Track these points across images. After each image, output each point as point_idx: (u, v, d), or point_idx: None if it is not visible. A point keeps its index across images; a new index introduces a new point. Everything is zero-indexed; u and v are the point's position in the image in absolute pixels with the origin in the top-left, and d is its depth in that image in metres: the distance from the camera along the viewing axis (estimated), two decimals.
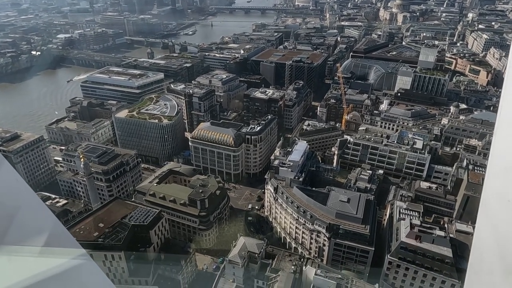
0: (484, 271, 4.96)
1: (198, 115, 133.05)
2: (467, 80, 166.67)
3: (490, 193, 4.74)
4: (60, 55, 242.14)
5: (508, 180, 4.38)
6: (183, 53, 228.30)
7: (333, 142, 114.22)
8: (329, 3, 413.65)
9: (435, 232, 64.12)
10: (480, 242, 5.07)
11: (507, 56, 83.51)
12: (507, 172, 4.41)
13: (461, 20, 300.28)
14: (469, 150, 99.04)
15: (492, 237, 4.73)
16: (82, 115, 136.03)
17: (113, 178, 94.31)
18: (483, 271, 4.97)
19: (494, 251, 4.69)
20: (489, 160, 4.70)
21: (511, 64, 4.32)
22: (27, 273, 4.20)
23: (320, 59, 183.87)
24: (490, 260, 4.77)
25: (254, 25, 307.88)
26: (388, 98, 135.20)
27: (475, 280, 5.19)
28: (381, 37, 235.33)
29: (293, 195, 79.98)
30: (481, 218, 4.93)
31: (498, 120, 4.57)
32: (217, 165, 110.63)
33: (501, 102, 4.51)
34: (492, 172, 4.72)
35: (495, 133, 4.59)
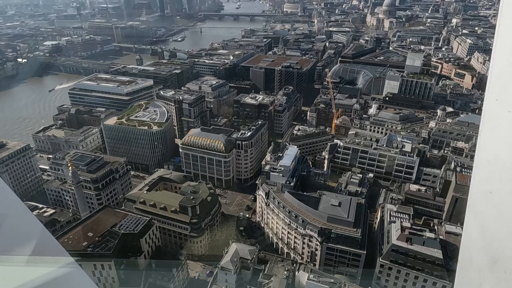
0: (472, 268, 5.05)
1: (188, 121, 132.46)
2: (452, 84, 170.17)
3: (476, 189, 4.87)
4: (47, 62, 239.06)
5: (492, 175, 4.52)
6: (173, 60, 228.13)
7: (323, 146, 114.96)
8: (317, 9, 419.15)
9: (425, 234, 64.82)
10: (468, 239, 5.17)
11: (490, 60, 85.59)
12: (491, 167, 4.55)
13: (445, 25, 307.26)
14: (457, 153, 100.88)
15: (479, 233, 4.85)
16: (70, 123, 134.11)
17: (102, 186, 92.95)
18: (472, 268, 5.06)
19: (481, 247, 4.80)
20: (475, 158, 4.84)
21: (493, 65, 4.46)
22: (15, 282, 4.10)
23: (309, 64, 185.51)
24: (478, 256, 4.88)
25: (243, 31, 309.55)
26: (377, 102, 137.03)
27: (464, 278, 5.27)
28: (368, 42, 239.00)
29: (284, 200, 79.97)
30: (468, 215, 5.04)
31: (483, 120, 4.71)
32: (208, 171, 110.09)
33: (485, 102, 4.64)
34: (478, 169, 4.85)
35: (480, 132, 4.73)
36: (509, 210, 4.45)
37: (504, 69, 4.27)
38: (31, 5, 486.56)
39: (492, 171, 4.53)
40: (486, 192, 4.67)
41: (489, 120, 4.59)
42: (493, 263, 4.62)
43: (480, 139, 4.70)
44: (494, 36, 4.42)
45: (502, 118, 4.33)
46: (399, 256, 63.10)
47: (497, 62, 4.36)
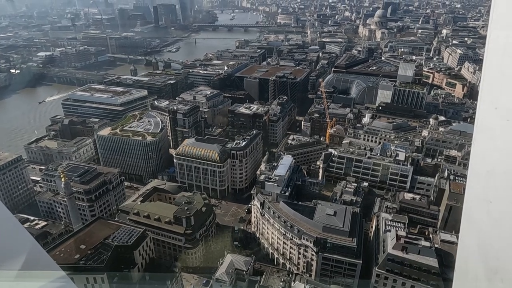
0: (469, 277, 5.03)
1: (182, 132, 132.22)
2: (444, 93, 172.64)
3: (471, 198, 4.89)
4: (40, 73, 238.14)
5: (487, 184, 4.55)
6: (167, 70, 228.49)
7: (318, 155, 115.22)
8: (310, 20, 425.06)
9: (421, 242, 64.79)
10: (464, 248, 5.17)
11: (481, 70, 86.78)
12: (486, 176, 4.58)
13: (436, 36, 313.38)
14: (450, 161, 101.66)
15: (475, 242, 4.84)
16: (63, 134, 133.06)
17: (95, 197, 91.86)
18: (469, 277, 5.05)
19: (477, 256, 4.80)
20: (469, 166, 4.87)
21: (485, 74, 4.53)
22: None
23: (303, 74, 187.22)
24: (474, 266, 4.87)
25: (238, 41, 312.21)
26: (370, 112, 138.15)
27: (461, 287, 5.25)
28: (361, 52, 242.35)
29: (279, 210, 79.64)
30: (464, 224, 5.04)
31: (476, 129, 4.76)
32: (202, 182, 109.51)
33: (477, 111, 4.70)
34: (473, 178, 4.87)
35: (474, 140, 4.77)
36: (505, 219, 4.46)
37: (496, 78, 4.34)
38: (25, 16, 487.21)
39: (487, 180, 4.56)
40: (481, 201, 4.69)
41: (482, 129, 4.64)
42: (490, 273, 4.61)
43: (474, 149, 4.74)
44: (485, 46, 4.50)
45: (496, 127, 4.38)
46: (395, 265, 62.90)
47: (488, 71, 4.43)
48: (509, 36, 4.12)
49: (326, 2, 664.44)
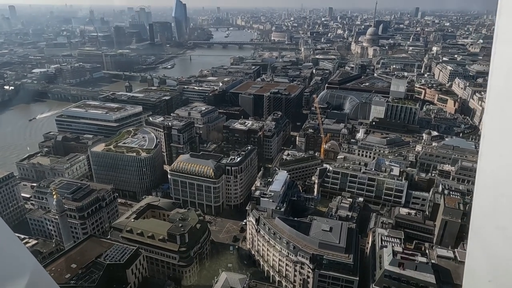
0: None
1: (177, 147, 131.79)
2: (436, 108, 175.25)
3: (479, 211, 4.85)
4: (35, 89, 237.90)
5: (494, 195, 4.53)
6: (162, 86, 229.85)
7: (313, 171, 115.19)
8: (303, 38, 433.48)
9: (417, 258, 64.25)
10: (472, 265, 5.10)
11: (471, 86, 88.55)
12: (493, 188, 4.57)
13: (426, 53, 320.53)
14: (444, 175, 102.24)
15: (483, 256, 4.77)
16: (56, 150, 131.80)
17: (88, 214, 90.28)
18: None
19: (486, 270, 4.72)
20: (476, 180, 4.86)
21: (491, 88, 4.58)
22: None
23: (297, 90, 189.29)
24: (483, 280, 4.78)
25: (232, 58, 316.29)
26: (364, 127, 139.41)
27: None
28: (354, 69, 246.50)
29: (275, 226, 78.85)
30: (471, 237, 4.99)
31: (482, 144, 4.78)
32: (197, 198, 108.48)
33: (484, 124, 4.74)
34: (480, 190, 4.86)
35: (480, 154, 4.79)
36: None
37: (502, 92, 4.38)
38: (20, 33, 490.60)
39: (495, 192, 4.55)
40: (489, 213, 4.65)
41: (489, 142, 4.65)
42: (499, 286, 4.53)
43: (481, 162, 4.74)
44: (491, 58, 4.56)
45: (502, 140, 4.39)
46: (392, 281, 62.10)
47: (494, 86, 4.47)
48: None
49: (319, 20, 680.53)
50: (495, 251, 4.63)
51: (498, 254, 4.61)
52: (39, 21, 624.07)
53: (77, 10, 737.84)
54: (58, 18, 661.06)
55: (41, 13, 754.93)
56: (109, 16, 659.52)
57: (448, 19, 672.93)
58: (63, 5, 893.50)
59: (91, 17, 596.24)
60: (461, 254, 66.89)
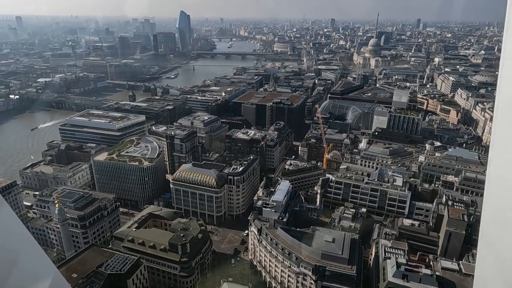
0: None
1: (179, 157, 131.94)
2: (439, 119, 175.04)
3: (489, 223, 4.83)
4: (40, 98, 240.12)
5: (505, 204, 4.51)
6: (165, 96, 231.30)
7: (315, 181, 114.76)
8: (305, 48, 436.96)
9: (422, 270, 63.41)
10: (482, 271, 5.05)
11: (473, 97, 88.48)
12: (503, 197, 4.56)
13: (428, 64, 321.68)
14: (447, 186, 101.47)
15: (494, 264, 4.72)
16: (59, 159, 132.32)
17: (90, 224, 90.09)
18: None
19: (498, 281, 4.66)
20: (485, 187, 4.85)
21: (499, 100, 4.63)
22: None
23: (299, 100, 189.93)
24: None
25: (235, 68, 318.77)
26: (366, 137, 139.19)
27: None
28: (356, 79, 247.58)
29: (277, 236, 78.27)
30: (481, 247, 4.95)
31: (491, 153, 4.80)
32: (199, 207, 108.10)
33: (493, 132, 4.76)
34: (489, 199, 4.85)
35: (490, 161, 4.79)
36: None
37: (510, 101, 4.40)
38: (26, 43, 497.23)
39: (505, 201, 4.54)
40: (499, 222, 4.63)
41: (498, 150, 4.66)
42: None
43: (490, 169, 4.75)
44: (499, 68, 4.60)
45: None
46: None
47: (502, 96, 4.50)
48: None
49: (321, 31, 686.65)
50: (506, 259, 4.58)
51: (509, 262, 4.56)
52: (45, 32, 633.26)
53: (83, 21, 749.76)
54: (63, 28, 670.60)
55: (47, 23, 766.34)
56: (114, 27, 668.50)
57: (449, 30, 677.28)
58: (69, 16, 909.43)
59: (96, 28, 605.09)
60: (466, 266, 65.95)
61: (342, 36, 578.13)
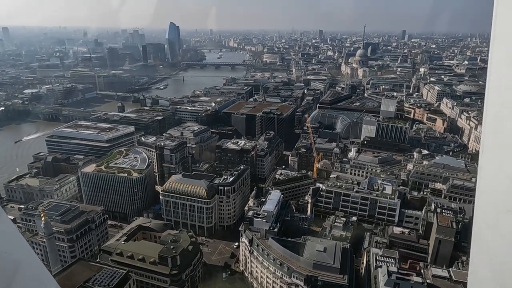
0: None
1: (169, 168, 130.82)
2: (426, 127, 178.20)
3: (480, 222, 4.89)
4: (26, 110, 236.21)
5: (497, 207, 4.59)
6: (155, 107, 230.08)
7: (306, 190, 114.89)
8: (294, 59, 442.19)
9: (413, 278, 63.65)
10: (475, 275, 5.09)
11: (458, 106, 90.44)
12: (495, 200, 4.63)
13: (414, 74, 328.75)
14: (435, 194, 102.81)
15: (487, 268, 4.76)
16: (45, 171, 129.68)
17: (77, 237, 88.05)
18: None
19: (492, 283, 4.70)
20: (477, 189, 4.94)
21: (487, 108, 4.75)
22: None
23: (289, 110, 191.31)
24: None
25: (225, 79, 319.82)
26: (356, 146, 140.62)
27: None
28: (344, 89, 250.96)
29: (268, 247, 77.75)
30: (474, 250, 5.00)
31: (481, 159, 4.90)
32: (189, 219, 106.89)
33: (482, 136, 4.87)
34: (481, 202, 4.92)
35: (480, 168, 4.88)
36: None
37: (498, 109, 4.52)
38: (13, 54, 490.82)
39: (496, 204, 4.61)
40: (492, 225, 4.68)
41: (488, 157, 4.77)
42: None
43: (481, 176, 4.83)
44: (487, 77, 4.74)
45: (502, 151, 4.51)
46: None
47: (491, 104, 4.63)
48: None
49: (310, 42, 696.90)
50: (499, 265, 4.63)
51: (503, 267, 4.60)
52: (33, 43, 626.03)
53: (71, 32, 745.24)
54: (51, 39, 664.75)
55: (34, 34, 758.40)
56: (103, 37, 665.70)
57: (434, 41, 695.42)
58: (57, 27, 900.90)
59: (84, 39, 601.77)
60: (456, 273, 66.48)
61: (330, 47, 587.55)
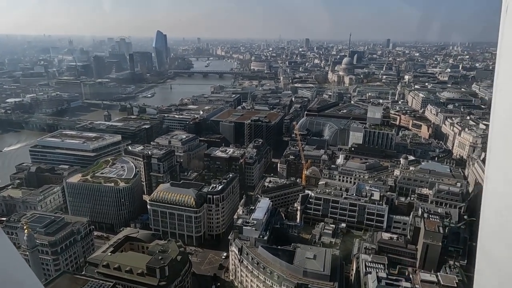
0: None
1: (157, 177, 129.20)
2: (411, 134, 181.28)
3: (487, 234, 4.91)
4: (9, 119, 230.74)
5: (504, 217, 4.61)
6: (142, 115, 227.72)
7: (295, 197, 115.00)
8: (282, 67, 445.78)
9: (402, 284, 64.07)
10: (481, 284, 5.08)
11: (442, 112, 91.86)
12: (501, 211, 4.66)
13: (399, 81, 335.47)
14: (422, 199, 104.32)
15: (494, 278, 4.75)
16: (29, 182, 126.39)
17: (61, 249, 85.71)
18: None
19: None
20: (482, 202, 4.95)
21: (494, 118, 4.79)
22: None
23: (277, 118, 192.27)
24: None
25: (213, 87, 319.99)
26: (343, 153, 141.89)
27: None
28: (331, 97, 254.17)
29: (258, 255, 77.18)
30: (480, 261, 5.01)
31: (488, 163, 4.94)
32: (177, 228, 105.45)
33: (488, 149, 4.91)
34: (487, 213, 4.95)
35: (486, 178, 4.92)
36: None
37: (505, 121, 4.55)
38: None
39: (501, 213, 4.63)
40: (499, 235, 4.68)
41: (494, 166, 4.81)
42: None
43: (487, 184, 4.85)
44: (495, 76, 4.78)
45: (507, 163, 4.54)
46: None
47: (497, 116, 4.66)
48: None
49: (297, 50, 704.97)
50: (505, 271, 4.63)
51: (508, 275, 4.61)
52: (16, 51, 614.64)
53: (56, 40, 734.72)
54: (36, 48, 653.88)
55: (18, 43, 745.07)
56: (89, 46, 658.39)
57: (417, 50, 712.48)
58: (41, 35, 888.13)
59: (70, 47, 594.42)
60: (444, 278, 67.20)
61: (317, 55, 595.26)
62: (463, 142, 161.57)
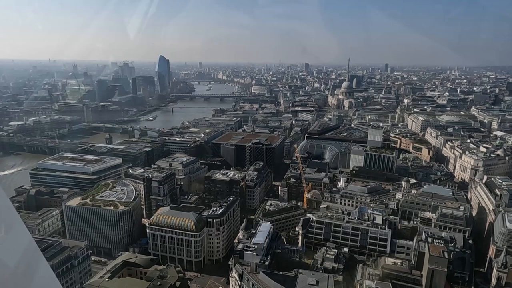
0: None
1: (157, 200, 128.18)
2: (412, 156, 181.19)
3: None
4: (11, 142, 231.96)
5: None
6: (143, 138, 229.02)
7: (296, 221, 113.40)
8: (282, 91, 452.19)
9: None
10: None
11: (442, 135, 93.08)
12: None
13: (398, 105, 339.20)
14: (425, 223, 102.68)
15: None
16: (28, 205, 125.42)
17: (58, 275, 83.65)
18: None
19: None
20: None
21: None
22: None
23: (278, 140, 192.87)
24: None
25: (214, 110, 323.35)
26: (345, 176, 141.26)
27: None
28: (331, 120, 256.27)
29: (259, 281, 75.23)
30: None
31: None
32: (177, 253, 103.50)
33: None
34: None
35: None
36: None
37: None
38: (0, 87, 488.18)
39: None
40: None
41: None
42: None
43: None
44: None
45: None
46: None
47: None
48: None
49: (297, 74, 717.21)
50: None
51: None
52: (21, 75, 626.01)
53: (61, 65, 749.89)
54: (40, 72, 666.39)
55: (23, 67, 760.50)
56: (93, 70, 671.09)
57: (415, 74, 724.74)
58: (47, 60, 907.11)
59: (74, 71, 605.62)
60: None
61: (317, 79, 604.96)
62: (464, 165, 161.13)
